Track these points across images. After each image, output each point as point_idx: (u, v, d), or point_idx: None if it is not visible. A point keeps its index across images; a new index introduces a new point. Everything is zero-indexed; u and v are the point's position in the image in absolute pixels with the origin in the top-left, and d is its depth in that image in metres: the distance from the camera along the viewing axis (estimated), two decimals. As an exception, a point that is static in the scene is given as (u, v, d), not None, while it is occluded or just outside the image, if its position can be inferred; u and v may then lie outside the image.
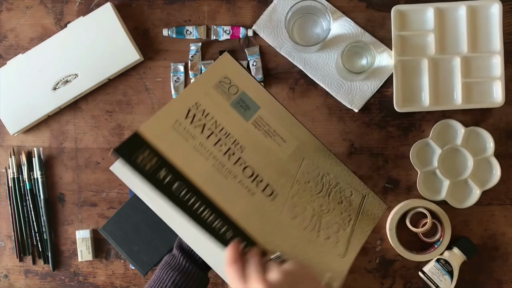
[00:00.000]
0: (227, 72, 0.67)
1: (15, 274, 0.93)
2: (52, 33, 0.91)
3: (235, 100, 0.66)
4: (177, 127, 0.62)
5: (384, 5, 0.90)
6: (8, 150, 0.93)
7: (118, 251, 0.89)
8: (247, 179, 0.64)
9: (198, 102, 0.65)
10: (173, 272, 0.69)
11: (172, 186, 0.59)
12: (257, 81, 0.68)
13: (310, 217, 0.67)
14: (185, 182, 0.60)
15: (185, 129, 0.63)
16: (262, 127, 0.67)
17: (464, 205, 0.89)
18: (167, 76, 0.92)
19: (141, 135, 0.60)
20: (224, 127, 0.65)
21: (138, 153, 0.59)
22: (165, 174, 0.59)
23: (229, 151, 0.64)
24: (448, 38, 0.89)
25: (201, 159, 0.62)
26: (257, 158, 0.65)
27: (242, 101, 0.67)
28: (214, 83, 0.66)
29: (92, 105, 0.93)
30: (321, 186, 0.68)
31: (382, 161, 0.90)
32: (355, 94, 0.90)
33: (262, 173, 0.65)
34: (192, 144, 0.62)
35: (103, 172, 0.92)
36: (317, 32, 0.89)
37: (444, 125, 0.89)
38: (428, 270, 0.87)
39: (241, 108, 0.67)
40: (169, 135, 0.62)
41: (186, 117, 0.63)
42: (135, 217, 0.89)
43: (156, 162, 0.59)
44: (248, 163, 0.65)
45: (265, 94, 0.68)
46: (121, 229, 0.89)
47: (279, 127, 0.68)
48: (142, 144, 0.59)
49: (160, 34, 0.92)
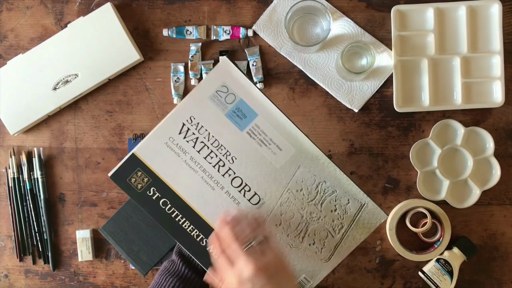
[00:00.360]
0: (225, 80, 0.68)
1: (15, 274, 0.93)
2: (52, 33, 0.91)
3: (231, 110, 0.68)
4: (170, 143, 0.68)
5: (384, 5, 0.90)
6: (8, 150, 0.93)
7: (118, 251, 0.89)
8: (234, 188, 0.68)
9: (193, 116, 0.68)
10: (172, 278, 0.69)
11: (159, 201, 0.68)
12: (256, 87, 0.69)
13: (297, 225, 0.70)
14: (170, 198, 0.68)
15: (177, 145, 0.68)
16: (258, 136, 0.69)
17: (464, 205, 0.89)
18: (167, 76, 0.92)
19: (136, 156, 0.68)
20: (217, 139, 0.69)
21: (130, 176, 0.68)
22: (153, 192, 0.68)
23: (219, 163, 0.68)
24: (448, 38, 0.89)
25: (191, 172, 0.68)
26: (247, 168, 0.69)
27: (239, 110, 0.69)
28: (211, 93, 0.68)
29: (92, 105, 0.93)
30: (315, 194, 0.69)
31: (382, 161, 0.90)
32: (355, 94, 0.90)
33: (250, 183, 0.69)
34: (184, 158, 0.68)
35: (103, 172, 0.92)
36: (317, 32, 0.89)
37: (444, 125, 0.89)
38: (428, 270, 0.87)
39: (237, 117, 0.69)
40: (162, 153, 0.68)
41: (180, 132, 0.69)
42: (135, 217, 0.89)
43: (147, 182, 0.68)
44: (237, 173, 0.69)
45: (265, 101, 0.69)
46: (121, 229, 0.89)
47: (276, 135, 0.69)
48: (136, 165, 0.68)
49: (160, 34, 0.92)
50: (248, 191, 0.68)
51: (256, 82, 0.90)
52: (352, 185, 0.70)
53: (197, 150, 0.68)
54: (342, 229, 0.70)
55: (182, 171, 0.68)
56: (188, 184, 0.68)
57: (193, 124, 0.68)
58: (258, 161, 0.68)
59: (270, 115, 0.69)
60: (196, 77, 0.91)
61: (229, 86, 0.69)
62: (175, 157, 0.68)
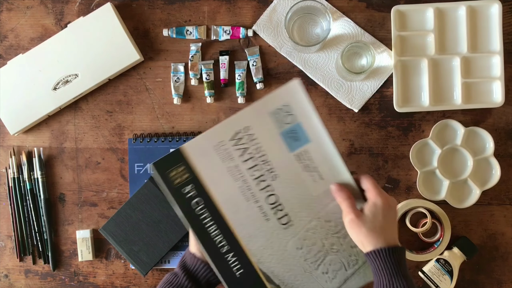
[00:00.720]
0: (289, 100, 0.69)
1: (15, 274, 0.93)
2: (52, 33, 0.91)
3: (287, 130, 0.69)
4: (219, 147, 0.67)
5: (384, 5, 0.90)
6: (9, 150, 0.93)
7: (118, 251, 0.89)
8: (268, 205, 0.68)
9: (250, 126, 0.68)
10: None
11: (192, 200, 0.67)
12: (318, 116, 0.70)
13: (316, 252, 0.70)
14: (205, 199, 0.67)
15: (226, 150, 0.68)
16: (304, 161, 0.69)
17: (464, 205, 0.89)
18: (167, 76, 0.92)
19: (183, 151, 0.66)
20: (266, 154, 0.69)
21: (172, 168, 0.66)
22: (190, 189, 0.67)
23: (261, 177, 0.69)
24: (448, 38, 0.89)
25: (230, 180, 0.68)
26: (286, 189, 0.69)
27: (294, 132, 0.69)
28: (272, 110, 0.68)
29: (92, 105, 0.93)
30: (341, 227, 0.69)
31: (382, 161, 0.90)
32: (355, 94, 0.90)
33: (285, 203, 0.69)
34: (227, 165, 0.68)
35: (103, 172, 0.92)
36: (317, 32, 0.89)
37: (444, 125, 0.89)
38: (428, 270, 0.87)
39: (290, 138, 0.69)
40: (209, 154, 0.67)
41: (232, 139, 0.68)
42: (135, 217, 0.89)
43: (186, 178, 0.67)
44: (275, 191, 0.69)
45: (321, 131, 0.70)
46: (121, 229, 0.89)
47: (322, 164, 0.70)
48: (180, 159, 0.66)
49: (160, 34, 0.92)
50: (281, 210, 0.69)
51: (256, 82, 0.90)
52: None
53: (243, 160, 0.69)
54: (356, 265, 0.71)
55: (223, 176, 0.68)
56: (225, 190, 0.68)
57: (247, 134, 0.68)
58: (297, 185, 0.69)
59: (322, 145, 0.70)
60: (196, 77, 0.91)
61: (292, 108, 0.69)
62: (220, 162, 0.68)
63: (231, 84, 0.91)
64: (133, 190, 0.91)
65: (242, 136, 0.68)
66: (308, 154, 0.70)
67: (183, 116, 0.92)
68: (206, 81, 0.90)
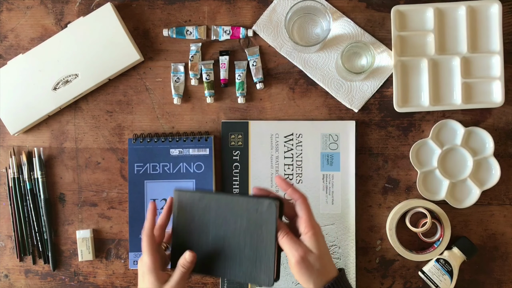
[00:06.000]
0: (341, 133, 0.88)
1: (15, 274, 0.93)
2: (52, 33, 0.91)
3: (327, 153, 0.88)
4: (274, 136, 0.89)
5: (384, 5, 0.90)
6: (9, 150, 0.93)
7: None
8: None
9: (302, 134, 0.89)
10: None
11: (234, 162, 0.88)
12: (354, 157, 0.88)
13: None
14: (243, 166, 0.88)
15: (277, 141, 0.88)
16: (326, 183, 0.88)
17: (463, 205, 0.89)
18: (167, 76, 0.92)
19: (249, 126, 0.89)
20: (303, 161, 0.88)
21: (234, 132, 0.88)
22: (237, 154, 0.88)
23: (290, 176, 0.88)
24: (448, 38, 0.89)
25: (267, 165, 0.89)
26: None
27: (332, 157, 0.88)
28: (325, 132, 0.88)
29: (92, 105, 0.93)
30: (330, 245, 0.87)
31: (382, 161, 0.90)
32: (355, 94, 0.90)
33: None
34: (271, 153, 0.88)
35: (103, 172, 0.92)
36: (317, 32, 0.89)
37: (444, 125, 0.89)
38: (428, 270, 0.87)
39: (326, 160, 0.88)
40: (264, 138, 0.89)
41: (286, 136, 0.88)
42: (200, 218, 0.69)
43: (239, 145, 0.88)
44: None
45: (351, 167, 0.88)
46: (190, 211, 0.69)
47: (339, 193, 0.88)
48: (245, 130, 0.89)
49: (160, 34, 0.92)
50: None
51: (256, 82, 0.90)
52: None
53: (284, 156, 0.88)
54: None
55: (264, 159, 0.89)
56: (260, 169, 0.88)
57: (298, 139, 0.88)
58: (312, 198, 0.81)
59: (346, 178, 0.88)
60: (196, 77, 0.91)
61: (340, 139, 0.88)
62: (268, 148, 0.89)
63: (231, 84, 0.91)
64: (133, 190, 0.91)
65: (294, 138, 0.88)
66: (332, 180, 0.88)
67: (183, 116, 0.92)
68: (206, 81, 0.90)
